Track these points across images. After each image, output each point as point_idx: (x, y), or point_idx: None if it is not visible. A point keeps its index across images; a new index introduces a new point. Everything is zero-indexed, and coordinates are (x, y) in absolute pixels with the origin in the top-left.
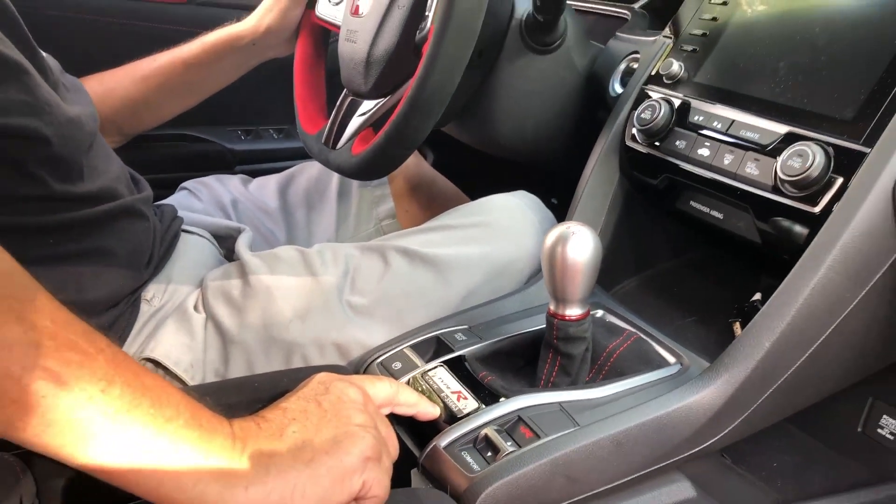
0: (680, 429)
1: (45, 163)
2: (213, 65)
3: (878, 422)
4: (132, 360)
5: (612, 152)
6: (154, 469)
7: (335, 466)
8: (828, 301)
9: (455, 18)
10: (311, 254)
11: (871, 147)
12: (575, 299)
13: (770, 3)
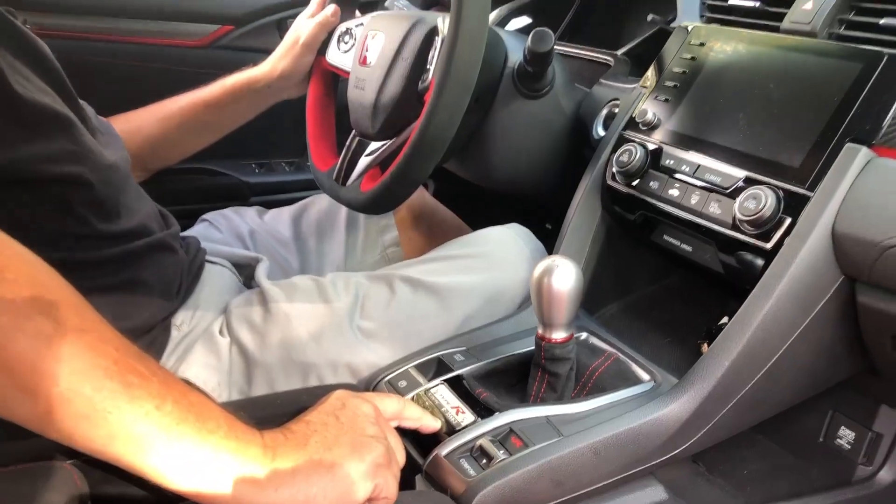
0: (652, 438)
1: (89, 204)
2: (230, 105)
3: (836, 432)
4: (180, 380)
5: (594, 190)
6: (198, 473)
7: (351, 471)
8: (779, 325)
9: (454, 72)
10: (324, 283)
11: (814, 191)
12: (560, 324)
13: (731, 62)
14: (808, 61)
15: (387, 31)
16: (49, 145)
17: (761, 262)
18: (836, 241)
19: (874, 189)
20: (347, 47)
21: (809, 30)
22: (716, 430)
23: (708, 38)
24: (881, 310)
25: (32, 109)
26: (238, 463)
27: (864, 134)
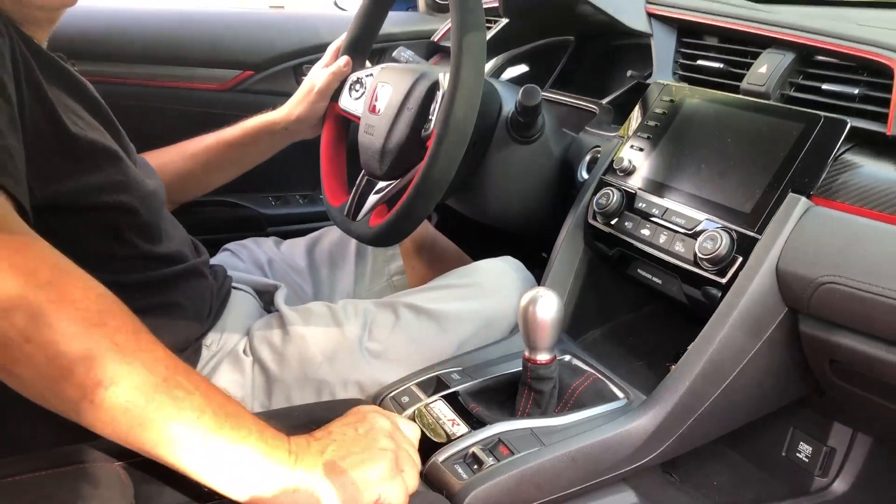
0: (622, 448)
1: (134, 228)
2: (250, 145)
3: (797, 447)
4: (220, 391)
5: (577, 228)
6: (233, 471)
7: (359, 479)
8: (732, 350)
9: (453, 123)
10: (336, 308)
11: (762, 234)
12: (543, 348)
13: (695, 117)
14: (759, 120)
15: (394, 83)
16: (99, 176)
17: (718, 294)
18: (780, 278)
19: (811, 233)
20: (358, 95)
21: (764, 90)
22: (680, 442)
23: (677, 95)
24: (819, 337)
25: (84, 145)
26: (265, 465)
27: (804, 185)
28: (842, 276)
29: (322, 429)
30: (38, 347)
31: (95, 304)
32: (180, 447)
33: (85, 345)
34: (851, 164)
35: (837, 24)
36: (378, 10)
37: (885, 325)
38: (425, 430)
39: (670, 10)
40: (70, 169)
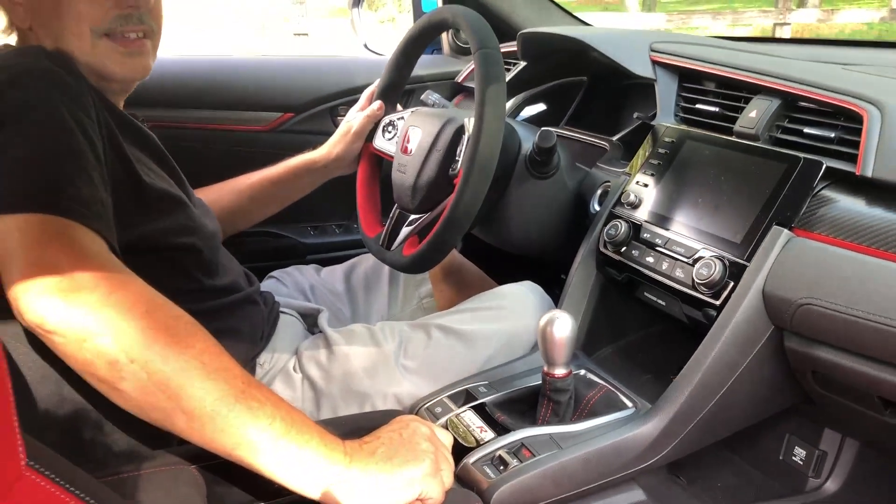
0: (630, 450)
1: (198, 265)
2: (293, 182)
3: (792, 451)
4: (285, 402)
5: (590, 255)
6: (298, 469)
7: (404, 477)
8: (726, 363)
9: (477, 163)
10: (375, 329)
11: (750, 262)
12: (560, 363)
13: (693, 157)
14: (749, 160)
15: (423, 126)
16: (168, 221)
17: (714, 314)
18: (766, 300)
19: (792, 261)
20: (391, 136)
21: (754, 133)
22: (682, 445)
23: (678, 136)
24: (801, 352)
25: (155, 194)
26: (325, 465)
27: (787, 219)
28: (817, 297)
29: (371, 434)
30: (140, 367)
31: (184, 330)
32: (255, 449)
33: (178, 364)
34: (828, 200)
35: (819, 74)
36: (408, 60)
37: (855, 341)
38: (457, 436)
39: (672, 58)
40: (144, 216)
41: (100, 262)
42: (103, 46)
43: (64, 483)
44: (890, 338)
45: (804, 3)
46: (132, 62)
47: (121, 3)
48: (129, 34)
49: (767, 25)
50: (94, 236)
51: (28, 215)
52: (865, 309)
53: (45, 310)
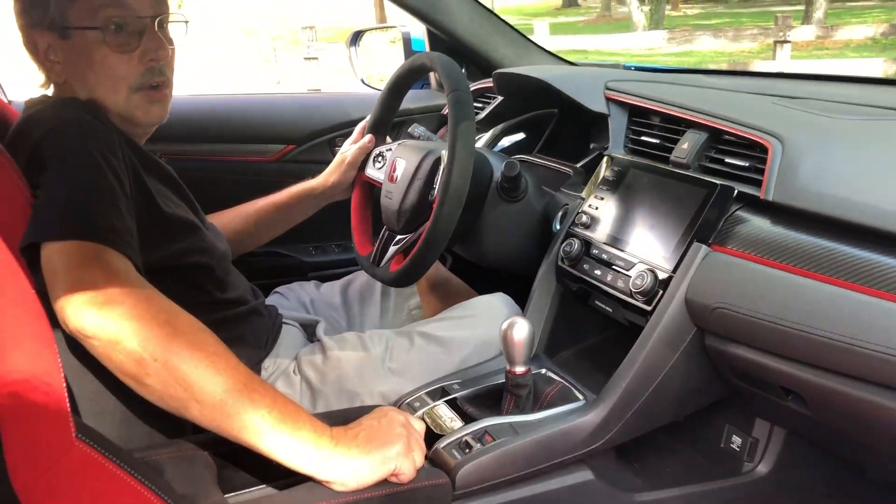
0: (577, 434)
1: (210, 281)
2: (294, 207)
3: (730, 439)
4: (282, 395)
5: (551, 269)
6: (292, 450)
7: (379, 456)
8: (657, 360)
9: (451, 190)
10: (364, 337)
11: (675, 273)
12: (519, 362)
13: (635, 184)
14: (679, 186)
15: (407, 157)
16: (184, 244)
17: (647, 318)
18: (689, 305)
19: (708, 272)
20: (380, 165)
21: (685, 162)
22: (623, 430)
23: (623, 165)
24: (719, 349)
25: (172, 220)
26: (315, 446)
27: (705, 236)
28: (729, 303)
29: (355, 423)
30: (161, 365)
31: (198, 335)
32: (256, 433)
33: (192, 363)
34: (739, 220)
35: (742, 110)
36: (394, 98)
37: (758, 339)
38: (431, 426)
39: (623, 95)
40: (164, 240)
41: (128, 280)
42: (131, 98)
43: (109, 455)
44: (785, 336)
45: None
46: (156, 110)
47: (146, 57)
48: (154, 84)
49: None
50: (123, 259)
51: (69, 242)
52: (766, 312)
53: (84, 319)
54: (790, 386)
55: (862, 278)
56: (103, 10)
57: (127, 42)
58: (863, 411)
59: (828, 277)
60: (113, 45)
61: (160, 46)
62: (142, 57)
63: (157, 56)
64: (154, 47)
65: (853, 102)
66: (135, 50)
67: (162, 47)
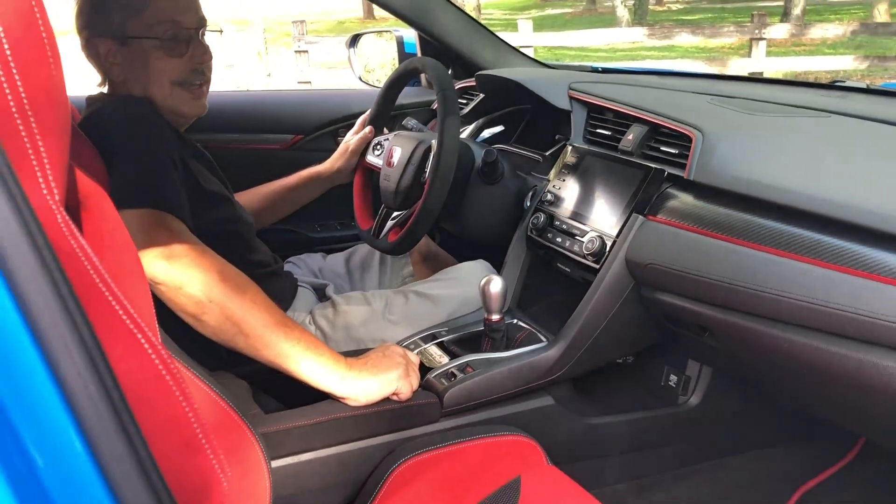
0: (540, 367)
1: (243, 245)
2: (303, 189)
3: (669, 377)
4: (309, 333)
5: (522, 238)
6: (317, 372)
7: (383, 378)
8: (603, 307)
9: (439, 173)
10: (368, 295)
11: (618, 238)
12: (494, 311)
13: (590, 168)
14: (625, 170)
15: (403, 146)
16: (221, 213)
17: (595, 275)
18: (628, 263)
19: (643, 237)
20: (379, 153)
21: (630, 150)
22: (578, 364)
23: (581, 153)
24: (651, 297)
25: (210, 195)
26: (333, 369)
27: (641, 209)
28: (658, 260)
29: (364, 354)
30: (216, 305)
31: (243, 283)
32: (289, 358)
33: (240, 303)
34: (669, 196)
35: (678, 107)
36: (391, 95)
37: (680, 287)
38: (424, 361)
39: (583, 94)
40: (205, 209)
41: (188, 239)
42: (178, 94)
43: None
44: (700, 284)
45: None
46: (197, 105)
47: (193, 61)
48: (196, 83)
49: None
50: (180, 223)
51: (141, 210)
52: (687, 266)
53: (155, 269)
54: (705, 324)
55: (760, 239)
56: (159, 24)
57: (177, 48)
58: (756, 339)
59: (734, 239)
60: (167, 50)
61: (205, 52)
62: (190, 60)
63: (202, 60)
64: (200, 53)
65: (773, 101)
66: (184, 54)
67: (206, 52)
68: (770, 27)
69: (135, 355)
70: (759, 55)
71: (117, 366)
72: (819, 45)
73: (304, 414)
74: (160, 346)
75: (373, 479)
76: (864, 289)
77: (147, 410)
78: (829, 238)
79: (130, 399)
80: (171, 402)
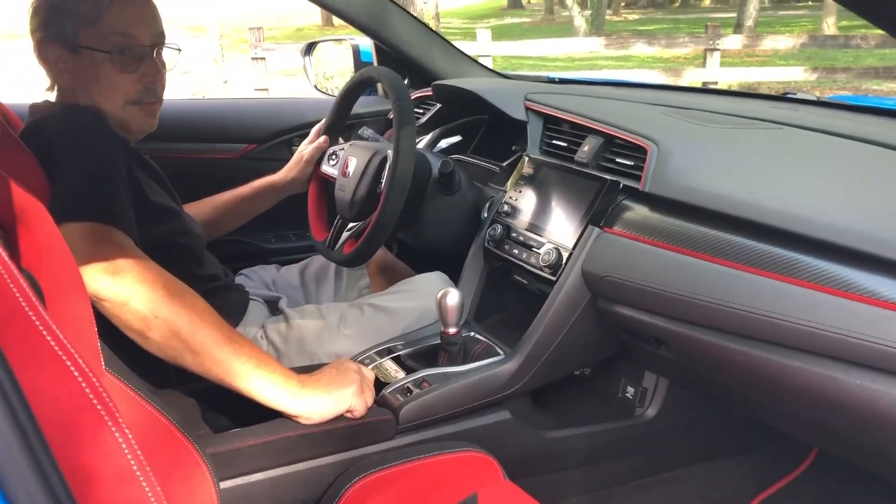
0: (497, 381)
1: (191, 260)
2: (257, 199)
3: (626, 389)
4: (258, 348)
5: (479, 249)
6: (267, 390)
7: (338, 395)
8: (560, 319)
9: (395, 183)
10: (322, 308)
11: (574, 250)
12: (451, 324)
13: (543, 179)
14: (580, 181)
15: (358, 156)
16: (168, 227)
17: (552, 287)
18: (584, 275)
19: (599, 249)
20: (334, 163)
21: (586, 162)
22: (535, 378)
23: (537, 164)
24: (607, 309)
25: (158, 207)
26: (285, 387)
27: (598, 220)
28: (614, 273)
29: (318, 371)
30: (162, 321)
31: (191, 298)
32: (238, 376)
33: (187, 319)
34: (624, 208)
35: (633, 118)
36: (347, 105)
37: (635, 299)
38: (379, 376)
39: (539, 105)
40: (152, 223)
41: (133, 254)
42: (130, 111)
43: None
44: (655, 297)
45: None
46: (149, 122)
47: (145, 79)
48: (147, 101)
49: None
50: (126, 237)
51: (84, 223)
52: (642, 279)
53: (98, 285)
54: (660, 336)
55: (713, 251)
56: (112, 37)
57: (129, 64)
58: (709, 350)
59: (688, 251)
60: (117, 65)
61: (157, 71)
62: (141, 77)
63: (154, 79)
64: (152, 72)
65: (726, 113)
66: (135, 71)
67: (158, 72)
68: (724, 38)
69: (63, 383)
70: (713, 65)
71: (43, 394)
72: (771, 56)
73: (255, 433)
74: (91, 375)
75: (326, 498)
76: (815, 301)
77: (73, 443)
78: (780, 250)
79: (55, 430)
80: (102, 432)
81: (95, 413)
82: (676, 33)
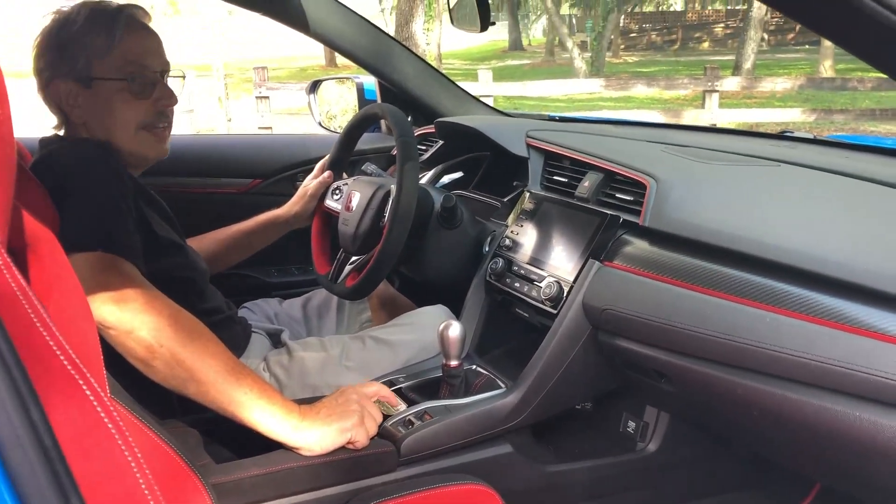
0: (498, 414)
1: (194, 293)
2: (261, 233)
3: (627, 424)
4: (261, 379)
5: (481, 283)
6: (268, 421)
7: (337, 427)
8: (561, 353)
9: (398, 218)
10: (325, 340)
11: (575, 283)
12: (453, 357)
13: (543, 214)
14: (580, 216)
15: (362, 191)
16: (172, 261)
17: (553, 320)
18: (585, 308)
19: (600, 282)
20: (338, 198)
21: (587, 197)
22: (536, 411)
23: (538, 199)
24: (608, 343)
25: (163, 242)
26: (287, 418)
27: (598, 254)
28: (615, 306)
29: (318, 402)
30: (167, 350)
31: (195, 328)
32: (240, 406)
33: (192, 349)
34: (624, 242)
35: (632, 155)
36: (351, 141)
37: (636, 333)
38: (381, 409)
39: (540, 142)
40: (157, 256)
41: (139, 283)
42: (142, 136)
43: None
44: (656, 330)
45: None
46: (160, 148)
47: (158, 104)
48: (160, 126)
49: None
50: (132, 266)
51: (92, 253)
52: (643, 312)
53: (104, 313)
54: (661, 369)
55: (713, 285)
56: (126, 66)
57: (143, 91)
58: (710, 383)
59: (687, 284)
60: (133, 92)
61: (170, 95)
62: (155, 102)
63: (168, 103)
64: (165, 96)
65: (725, 150)
66: (149, 97)
67: (171, 96)
68: (722, 80)
69: (76, 403)
70: (712, 107)
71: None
72: (769, 97)
73: (257, 463)
74: (103, 394)
75: None
76: (818, 335)
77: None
78: (780, 284)
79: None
80: (113, 452)
81: (107, 432)
82: (676, 75)
